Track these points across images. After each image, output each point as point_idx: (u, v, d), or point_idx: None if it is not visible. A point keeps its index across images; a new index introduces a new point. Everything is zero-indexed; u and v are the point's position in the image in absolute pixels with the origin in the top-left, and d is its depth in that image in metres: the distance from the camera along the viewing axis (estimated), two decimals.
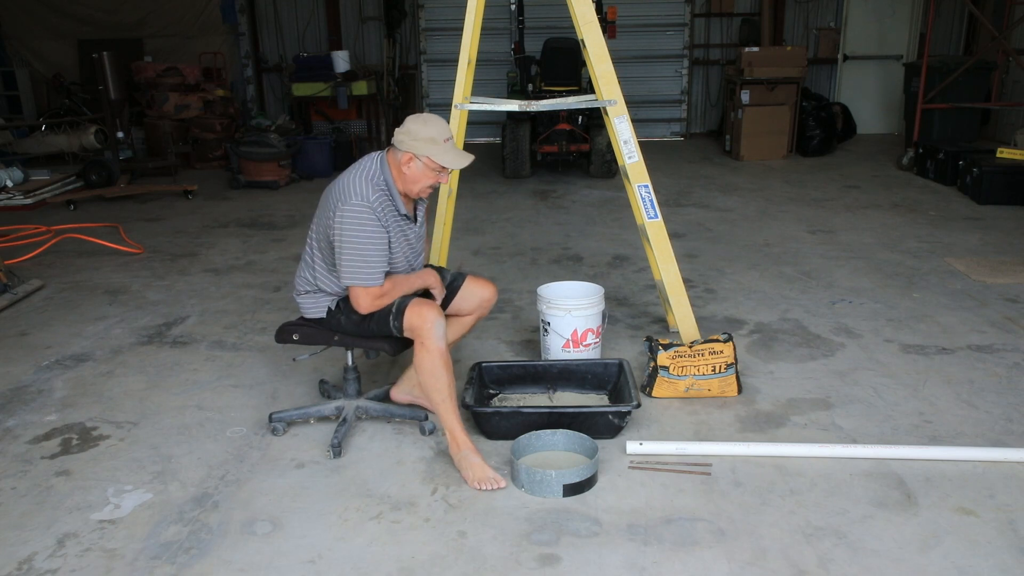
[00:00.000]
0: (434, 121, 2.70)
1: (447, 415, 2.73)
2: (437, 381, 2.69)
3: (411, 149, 2.66)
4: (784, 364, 3.57)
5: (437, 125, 2.69)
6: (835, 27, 10.58)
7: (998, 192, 6.49)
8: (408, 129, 2.68)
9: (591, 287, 3.66)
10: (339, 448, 2.83)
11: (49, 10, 10.39)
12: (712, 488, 2.61)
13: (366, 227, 2.63)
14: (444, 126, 2.71)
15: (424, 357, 2.69)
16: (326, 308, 2.86)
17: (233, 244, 5.87)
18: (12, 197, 7.19)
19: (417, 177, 2.71)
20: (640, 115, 10.30)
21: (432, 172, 2.70)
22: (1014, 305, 4.23)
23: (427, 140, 2.65)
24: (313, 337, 2.95)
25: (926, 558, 2.25)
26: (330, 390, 3.28)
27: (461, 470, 2.68)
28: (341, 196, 2.67)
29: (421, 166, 2.68)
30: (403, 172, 2.71)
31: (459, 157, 2.73)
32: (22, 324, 4.28)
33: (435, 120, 2.71)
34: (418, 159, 2.67)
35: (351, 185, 2.68)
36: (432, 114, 2.77)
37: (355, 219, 2.63)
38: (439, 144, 2.67)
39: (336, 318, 2.86)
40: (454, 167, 2.72)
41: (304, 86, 9.52)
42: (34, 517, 2.53)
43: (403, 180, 2.73)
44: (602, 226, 6.17)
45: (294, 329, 2.96)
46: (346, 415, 2.99)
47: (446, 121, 2.77)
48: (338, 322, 2.86)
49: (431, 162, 2.68)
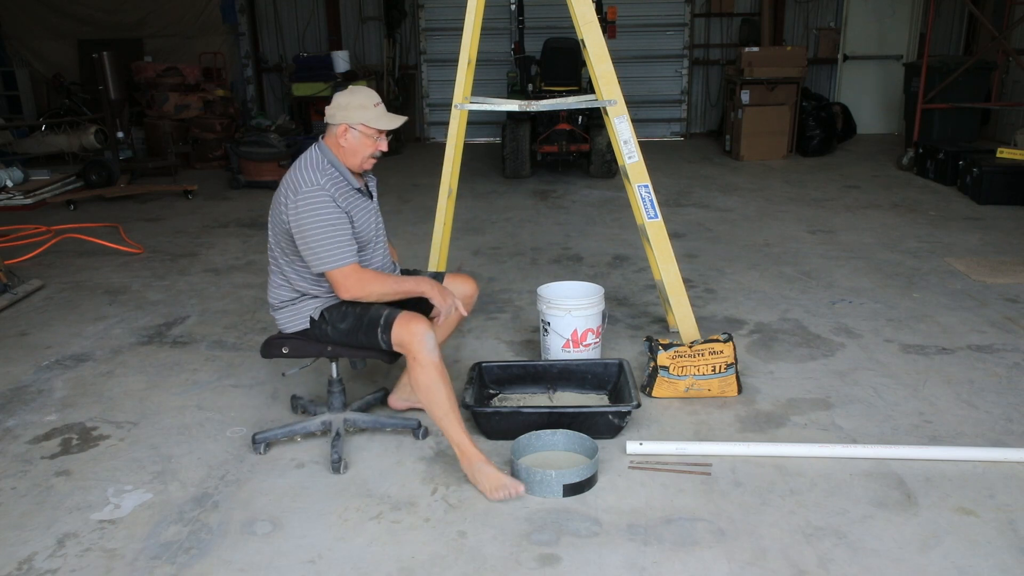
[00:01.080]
0: (360, 90, 2.73)
1: (451, 429, 2.64)
2: (436, 395, 2.61)
3: (344, 120, 2.66)
4: (784, 364, 3.57)
5: (364, 92, 2.71)
6: (835, 27, 10.58)
7: (998, 192, 6.49)
8: (337, 103, 2.69)
9: (591, 287, 3.66)
10: (340, 463, 2.74)
11: (49, 10, 10.39)
12: (712, 488, 2.61)
13: (323, 209, 2.59)
14: (372, 93, 2.72)
15: (419, 373, 2.60)
16: (308, 318, 2.76)
17: (233, 244, 5.86)
18: (12, 197, 7.19)
19: (355, 147, 2.69)
20: (640, 115, 10.30)
21: (369, 140, 2.69)
22: (1014, 305, 4.23)
23: (357, 107, 2.66)
24: (303, 349, 2.81)
25: (926, 558, 2.25)
26: (306, 405, 3.15)
27: (476, 483, 2.61)
28: (292, 190, 2.64)
29: (357, 135, 2.67)
30: (341, 146, 2.69)
31: (391, 119, 2.73)
32: (22, 324, 4.28)
33: (361, 89, 2.74)
34: (352, 128, 2.66)
35: (298, 177, 2.65)
36: (358, 86, 2.78)
37: (309, 205, 2.59)
38: (370, 109, 2.67)
39: (322, 329, 2.76)
40: (388, 127, 2.71)
41: (304, 86, 9.53)
42: (34, 517, 2.53)
43: (343, 153, 2.71)
44: (602, 226, 6.17)
45: (282, 342, 2.83)
46: (337, 429, 2.87)
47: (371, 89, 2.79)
48: (324, 333, 2.76)
49: (366, 128, 2.67)
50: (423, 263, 3.98)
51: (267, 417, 3.18)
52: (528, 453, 2.77)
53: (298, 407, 3.20)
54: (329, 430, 2.93)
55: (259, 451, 2.88)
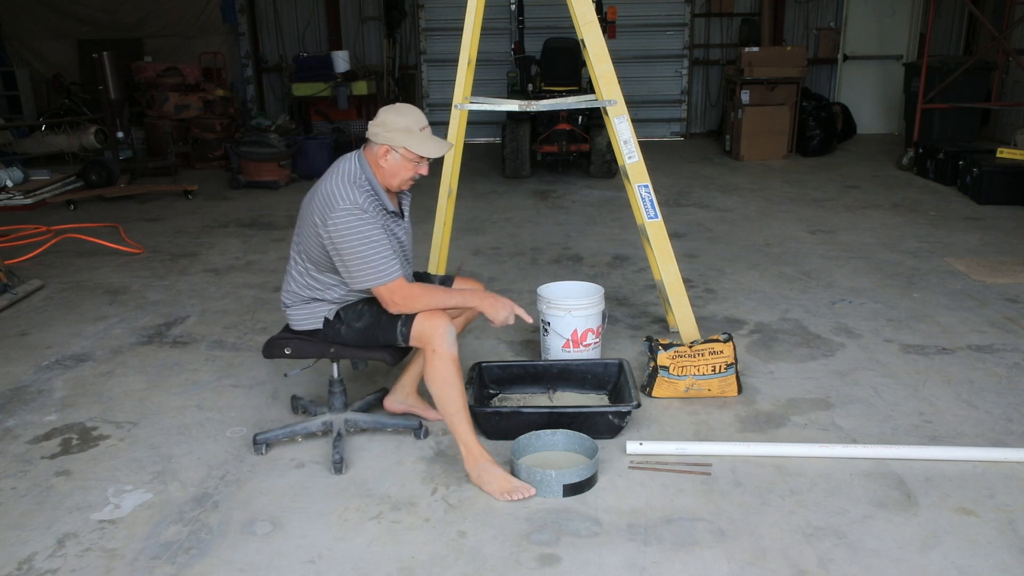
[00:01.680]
0: (408, 110, 2.60)
1: (461, 427, 2.62)
2: (451, 390, 2.58)
3: (386, 141, 2.55)
4: (784, 364, 3.57)
5: (412, 114, 2.59)
6: (835, 27, 10.58)
7: (998, 192, 6.49)
8: (382, 121, 2.57)
9: (591, 287, 3.66)
10: (341, 464, 2.73)
11: (49, 10, 10.39)
12: (712, 488, 2.61)
13: (363, 227, 2.51)
14: (419, 114, 2.60)
15: (437, 365, 2.56)
16: (322, 319, 2.72)
17: (233, 244, 5.86)
18: (12, 197, 7.19)
19: (396, 170, 2.60)
20: (640, 115, 10.30)
21: (410, 163, 2.59)
22: (1014, 305, 4.22)
23: (402, 130, 2.55)
24: (306, 350, 2.78)
25: (926, 558, 2.25)
26: (306, 405, 3.13)
27: (482, 484, 2.60)
28: (327, 204, 2.54)
29: (398, 158, 2.58)
30: (381, 166, 2.60)
31: (436, 145, 2.60)
32: (22, 324, 4.28)
33: (409, 109, 2.60)
34: (395, 151, 2.57)
35: (335, 191, 2.55)
36: (406, 103, 2.66)
37: (348, 224, 2.50)
38: (415, 134, 2.57)
39: (335, 328, 2.71)
40: (432, 156, 2.60)
41: (304, 86, 9.53)
42: (34, 517, 2.53)
43: (382, 173, 2.61)
44: (602, 226, 6.17)
45: (285, 343, 2.78)
46: (338, 429, 2.86)
47: (421, 110, 2.66)
48: (337, 332, 2.72)
49: (408, 152, 2.57)
50: (423, 263, 3.97)
51: (267, 417, 3.18)
52: (528, 453, 2.77)
53: (299, 407, 3.19)
54: (330, 430, 2.92)
55: (260, 452, 2.87)
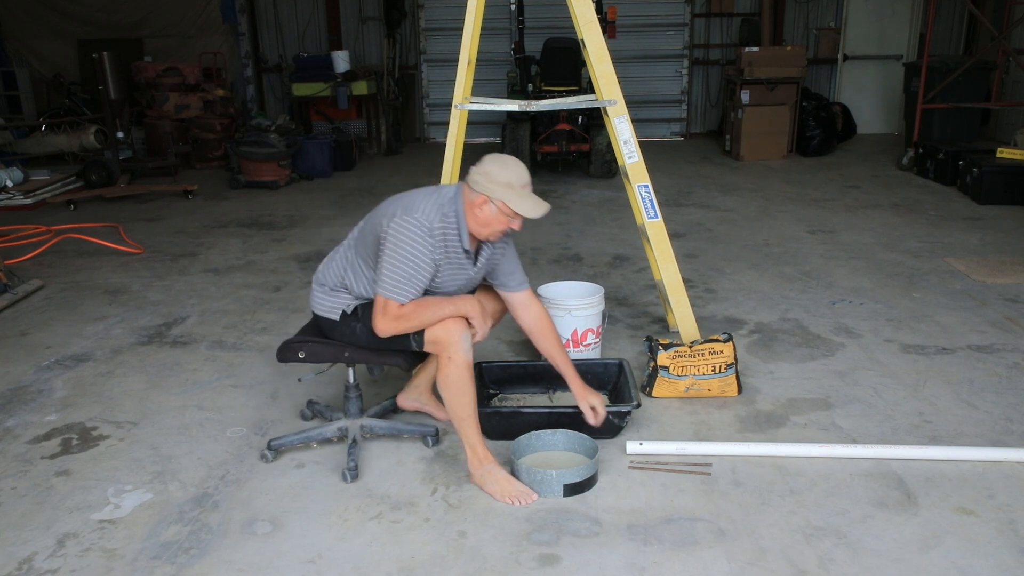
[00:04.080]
0: (513, 164, 2.57)
1: (469, 429, 2.63)
2: (463, 396, 2.58)
3: (487, 192, 2.52)
4: (784, 364, 3.58)
5: (516, 169, 2.56)
6: (835, 27, 10.58)
7: (998, 192, 6.49)
8: (486, 170, 2.55)
9: (591, 287, 3.67)
10: (356, 471, 2.70)
11: (49, 10, 10.39)
12: (712, 488, 2.61)
13: (415, 246, 2.49)
14: (523, 170, 2.58)
15: (452, 371, 2.56)
16: (340, 312, 2.70)
17: (233, 244, 5.87)
18: (12, 197, 7.19)
19: (489, 221, 2.56)
20: (640, 115, 10.29)
21: (505, 218, 2.55)
22: (1014, 305, 4.22)
23: (504, 185, 2.52)
24: (320, 354, 2.74)
25: (926, 558, 2.25)
26: (321, 410, 3.10)
27: (484, 485, 2.60)
28: (408, 207, 2.54)
29: (495, 210, 2.54)
30: (475, 214, 2.56)
31: (536, 205, 2.57)
32: (22, 324, 4.28)
33: (514, 163, 2.58)
34: (492, 203, 2.53)
35: (419, 203, 2.55)
36: (511, 156, 2.63)
37: (409, 234, 2.49)
38: (515, 190, 2.53)
39: (351, 325, 2.70)
40: (530, 216, 2.56)
41: (304, 86, 9.53)
42: (34, 517, 2.53)
43: (474, 220, 2.57)
44: (602, 226, 6.17)
45: (299, 346, 2.75)
46: (354, 436, 2.83)
47: (524, 165, 2.63)
48: (352, 330, 2.69)
49: (506, 208, 2.53)
50: None
51: (267, 417, 3.18)
52: (528, 453, 2.77)
53: (313, 412, 3.14)
54: (345, 436, 2.88)
55: (265, 459, 2.82)
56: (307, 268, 5.20)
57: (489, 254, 2.74)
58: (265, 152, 7.95)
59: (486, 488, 2.60)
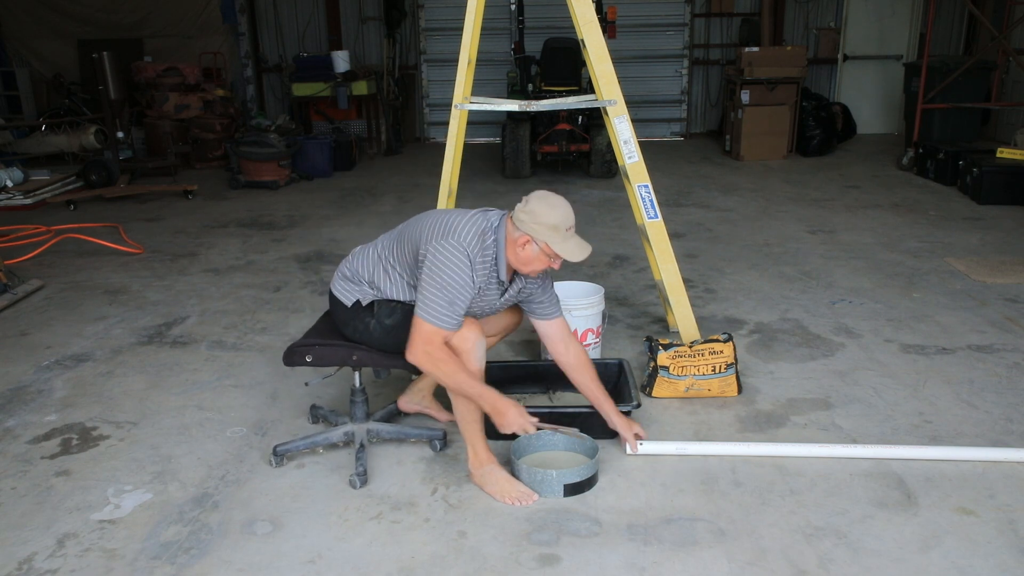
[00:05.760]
0: (559, 205, 2.53)
1: (473, 432, 2.63)
2: (472, 403, 2.58)
3: (530, 232, 2.49)
4: (784, 364, 3.57)
5: (562, 210, 2.52)
6: (835, 27, 10.58)
7: (998, 192, 6.49)
8: (532, 210, 2.50)
9: (591, 287, 3.67)
10: (364, 476, 2.67)
11: (49, 10, 10.39)
12: (712, 488, 2.61)
13: (456, 270, 2.47)
14: (568, 212, 2.54)
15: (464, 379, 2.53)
16: (355, 300, 2.67)
17: (233, 244, 5.87)
18: (12, 197, 7.19)
19: (530, 259, 2.54)
20: (640, 115, 10.30)
21: (546, 258, 2.54)
22: (1014, 305, 4.22)
23: (549, 227, 2.49)
24: (327, 358, 2.71)
25: (926, 558, 2.25)
26: (327, 415, 3.07)
27: (485, 485, 2.60)
28: (449, 229, 2.51)
29: (537, 251, 2.52)
30: (517, 252, 2.54)
31: (579, 249, 2.54)
32: (22, 324, 4.28)
33: (561, 204, 2.54)
34: (535, 243, 2.51)
35: (462, 226, 2.52)
36: (557, 196, 2.59)
37: (449, 258, 2.47)
38: (560, 232, 2.50)
39: (365, 321, 2.66)
40: (573, 259, 2.52)
41: (304, 86, 9.53)
42: (34, 517, 2.53)
43: (515, 255, 2.56)
44: (602, 226, 6.17)
45: (306, 350, 2.71)
46: (360, 440, 2.80)
47: (570, 205, 2.57)
48: (366, 326, 2.66)
49: (548, 249, 2.51)
50: None
51: (267, 417, 3.18)
52: (528, 453, 2.76)
53: (319, 417, 3.12)
54: (352, 441, 2.85)
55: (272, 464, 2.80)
56: (307, 268, 5.20)
57: (522, 286, 2.72)
58: (265, 152, 7.95)
59: (486, 489, 2.60)
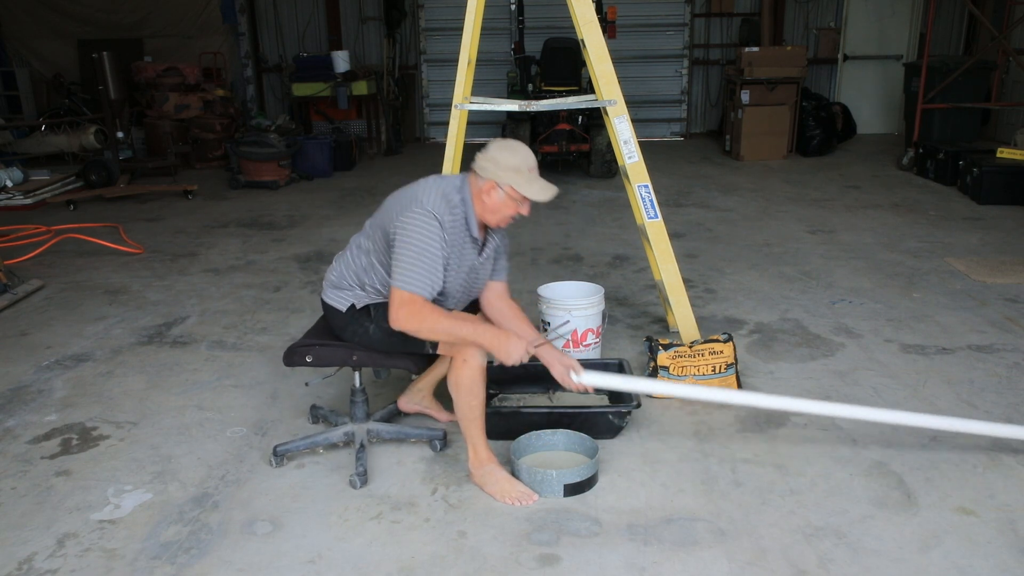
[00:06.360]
0: (519, 149, 2.57)
1: (474, 430, 2.62)
2: (474, 399, 2.57)
3: (494, 177, 2.52)
4: (784, 364, 3.57)
5: (522, 154, 2.55)
6: (835, 27, 10.58)
7: (998, 192, 6.49)
8: (492, 156, 2.54)
9: (591, 287, 3.67)
10: (365, 476, 2.67)
11: (49, 10, 10.39)
12: (712, 488, 2.61)
13: (426, 235, 2.47)
14: (529, 155, 2.57)
15: (465, 374, 2.55)
16: (349, 304, 2.66)
17: (233, 244, 5.86)
18: (12, 197, 7.19)
19: (497, 207, 2.57)
20: (640, 115, 10.30)
21: (513, 203, 2.56)
22: (1014, 305, 4.22)
23: (511, 169, 2.52)
24: (328, 358, 2.71)
25: (926, 558, 2.25)
26: (327, 415, 3.07)
27: (485, 485, 2.60)
28: (414, 199, 2.52)
29: (503, 195, 2.54)
30: (483, 200, 2.56)
31: (543, 189, 2.56)
32: (22, 324, 4.28)
33: (520, 148, 2.57)
34: (500, 188, 2.53)
35: (426, 193, 2.54)
36: (517, 141, 2.62)
37: (417, 225, 2.47)
38: (523, 174, 2.53)
39: (363, 325, 2.66)
40: (538, 199, 2.55)
41: (304, 86, 9.53)
42: (34, 517, 2.53)
43: (481, 205, 2.58)
44: (602, 226, 6.17)
45: (306, 350, 2.71)
46: (361, 440, 2.80)
47: (529, 149, 2.62)
48: (365, 330, 2.66)
49: (514, 192, 2.53)
50: None
51: (267, 417, 3.18)
52: (528, 453, 2.76)
53: (320, 417, 3.12)
54: (352, 441, 2.84)
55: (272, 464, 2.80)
56: (307, 268, 5.20)
57: (496, 244, 2.75)
58: (265, 152, 7.95)
59: (486, 489, 2.60)
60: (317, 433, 2.90)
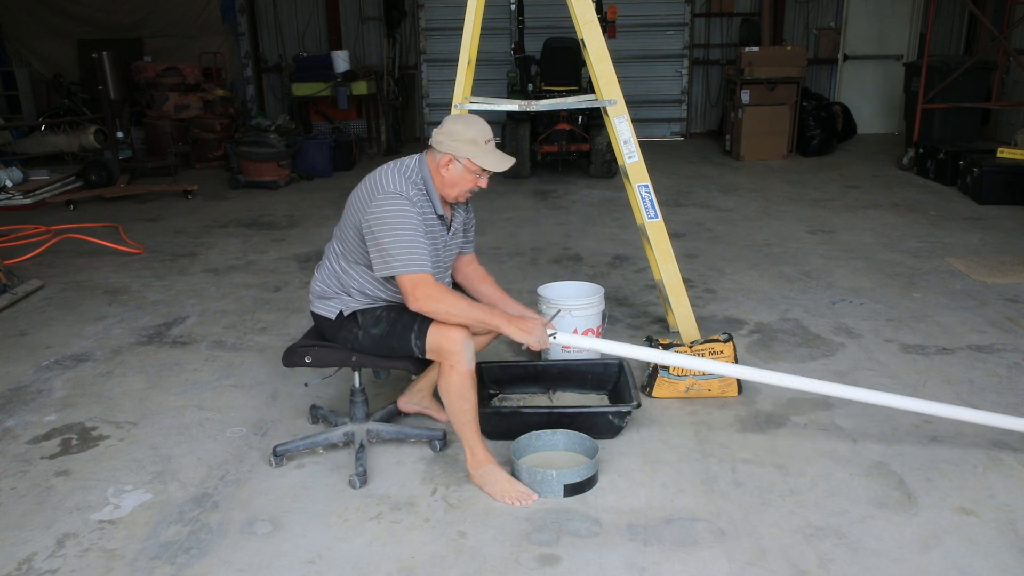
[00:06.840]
0: (475, 121, 2.58)
1: (469, 433, 2.62)
2: (465, 403, 2.57)
3: (450, 150, 2.53)
4: (784, 364, 3.57)
5: (478, 125, 2.57)
6: (835, 27, 10.58)
7: (998, 192, 6.49)
8: (448, 129, 2.55)
9: (591, 287, 3.67)
10: (364, 476, 2.67)
11: (49, 10, 10.39)
12: (712, 488, 2.61)
13: (403, 214, 2.46)
14: (485, 127, 2.58)
15: (454, 380, 2.54)
16: (337, 311, 2.66)
17: (233, 244, 5.86)
18: (12, 197, 7.19)
19: (456, 180, 2.57)
20: (640, 115, 10.30)
21: (472, 175, 2.57)
22: (1014, 305, 4.22)
23: (468, 141, 2.53)
24: (327, 359, 2.71)
25: (926, 558, 2.25)
26: (327, 415, 3.07)
27: (484, 486, 2.59)
28: (375, 188, 2.53)
29: (461, 168, 2.55)
30: (441, 175, 2.57)
31: (500, 160, 2.59)
32: (22, 324, 4.28)
33: (475, 120, 2.58)
34: (458, 161, 2.54)
35: (385, 179, 2.54)
36: (472, 114, 2.63)
37: (388, 208, 2.47)
38: (480, 145, 2.54)
39: (352, 332, 2.66)
40: (495, 169, 2.57)
41: (304, 86, 9.53)
42: (34, 517, 2.53)
43: (440, 180, 2.58)
44: (602, 226, 6.17)
45: (305, 351, 2.70)
46: (360, 440, 2.80)
47: (485, 121, 2.62)
48: (355, 337, 2.66)
49: (471, 164, 2.54)
50: None
51: (267, 417, 3.18)
52: (528, 453, 2.76)
53: (319, 417, 3.11)
54: (352, 441, 2.84)
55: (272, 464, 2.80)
56: (307, 268, 5.20)
57: (463, 219, 2.79)
58: (265, 152, 7.95)
59: (486, 489, 2.60)
60: (317, 433, 2.90)
